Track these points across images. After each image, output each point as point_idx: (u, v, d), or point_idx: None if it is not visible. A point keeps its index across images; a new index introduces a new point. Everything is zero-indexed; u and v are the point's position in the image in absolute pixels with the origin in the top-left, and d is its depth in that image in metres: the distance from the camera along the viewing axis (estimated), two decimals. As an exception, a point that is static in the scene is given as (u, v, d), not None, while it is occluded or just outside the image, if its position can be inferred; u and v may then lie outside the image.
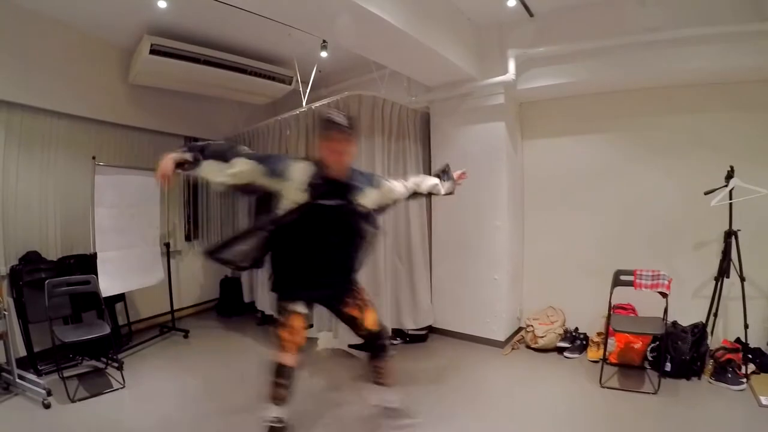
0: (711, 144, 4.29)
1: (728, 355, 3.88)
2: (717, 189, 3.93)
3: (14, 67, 4.42)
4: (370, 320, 3.03)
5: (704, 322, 4.10)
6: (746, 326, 3.81)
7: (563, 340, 4.72)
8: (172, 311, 5.76)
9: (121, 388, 4.07)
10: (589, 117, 4.92)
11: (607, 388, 3.82)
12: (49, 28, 4.68)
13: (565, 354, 4.60)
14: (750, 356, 3.92)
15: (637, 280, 3.93)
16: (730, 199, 3.91)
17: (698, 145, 4.37)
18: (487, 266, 4.95)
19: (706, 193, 3.96)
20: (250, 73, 5.47)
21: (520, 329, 5.20)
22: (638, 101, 4.66)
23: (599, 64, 4.40)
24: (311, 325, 4.79)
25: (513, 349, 4.85)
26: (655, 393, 3.64)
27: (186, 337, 5.52)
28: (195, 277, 6.74)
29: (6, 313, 3.93)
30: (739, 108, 4.22)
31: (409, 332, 5.07)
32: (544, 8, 4.56)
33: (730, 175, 3.89)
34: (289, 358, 2.80)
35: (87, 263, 4.73)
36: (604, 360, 4.07)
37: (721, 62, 3.90)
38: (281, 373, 2.82)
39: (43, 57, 4.65)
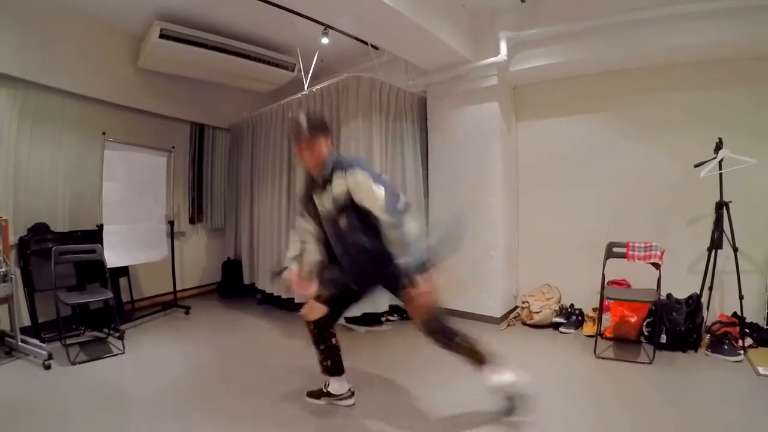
0: (704, 120, 4.33)
1: (724, 329, 3.87)
2: (707, 161, 3.96)
3: (30, 48, 4.63)
4: (417, 316, 2.83)
5: (699, 293, 4.08)
6: (741, 297, 3.81)
7: (559, 315, 4.74)
8: (175, 290, 5.87)
9: (121, 353, 4.15)
10: (582, 97, 5.02)
11: (602, 358, 3.83)
12: (64, 13, 4.91)
13: (561, 329, 4.62)
14: (747, 330, 3.90)
15: (630, 252, 3.94)
16: (720, 169, 3.93)
17: (691, 121, 4.42)
18: (482, 243, 4.99)
19: (696, 166, 4.00)
20: (255, 59, 5.63)
21: (516, 307, 5.23)
22: (630, 80, 4.74)
23: (589, 44, 4.52)
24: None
25: (509, 325, 4.88)
26: (650, 363, 3.64)
27: (187, 313, 5.63)
28: (198, 260, 6.85)
29: (13, 276, 4.03)
30: (731, 84, 4.28)
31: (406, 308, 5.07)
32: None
33: (718, 147, 3.92)
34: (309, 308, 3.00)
35: (93, 237, 4.85)
36: (599, 333, 4.06)
37: (715, 38, 3.96)
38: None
39: (58, 39, 4.87)
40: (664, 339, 3.92)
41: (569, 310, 4.79)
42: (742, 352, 3.69)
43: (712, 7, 3.86)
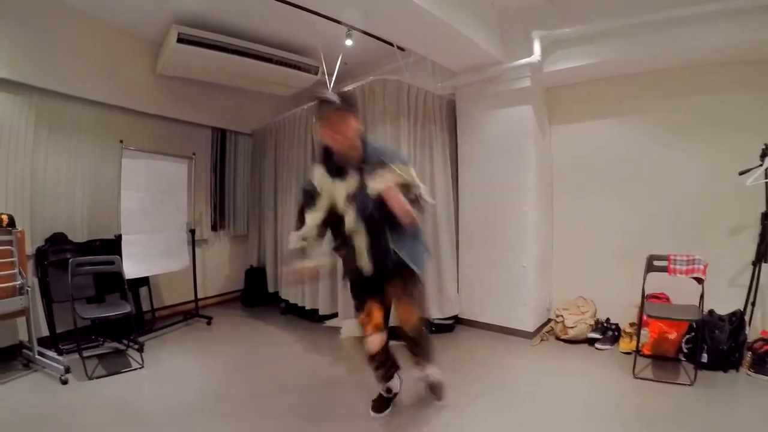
0: (744, 124, 4.10)
1: (767, 347, 3.67)
2: (752, 168, 3.74)
3: (45, 55, 4.55)
4: (412, 318, 2.87)
5: (742, 310, 3.88)
6: (788, 315, 3.62)
7: (594, 330, 4.55)
8: (196, 299, 5.78)
9: (140, 368, 4.09)
10: (617, 100, 4.81)
11: (641, 379, 3.65)
12: (80, 19, 4.83)
13: (597, 345, 4.43)
14: (792, 349, 3.69)
15: (672, 266, 3.75)
16: (766, 178, 3.73)
17: (731, 125, 4.18)
18: (515, 253, 4.83)
19: (741, 173, 3.79)
20: (276, 63, 5.50)
21: (549, 320, 5.05)
22: (666, 82, 4.52)
23: (625, 43, 4.30)
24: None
25: (542, 340, 4.70)
26: (691, 385, 3.46)
27: (209, 323, 5.54)
28: (220, 267, 6.78)
29: (29, 288, 3.95)
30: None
31: (435, 322, 4.94)
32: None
33: (765, 153, 3.70)
34: (370, 341, 2.83)
35: (112, 247, 4.79)
36: (637, 351, 3.88)
37: (756, 36, 3.71)
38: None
39: (74, 46, 4.79)
40: (705, 358, 3.73)
41: (605, 324, 4.59)
42: (786, 372, 3.49)
43: (757, 3, 3.61)
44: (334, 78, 5.50)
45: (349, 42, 5.10)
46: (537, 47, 4.60)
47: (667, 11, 4.00)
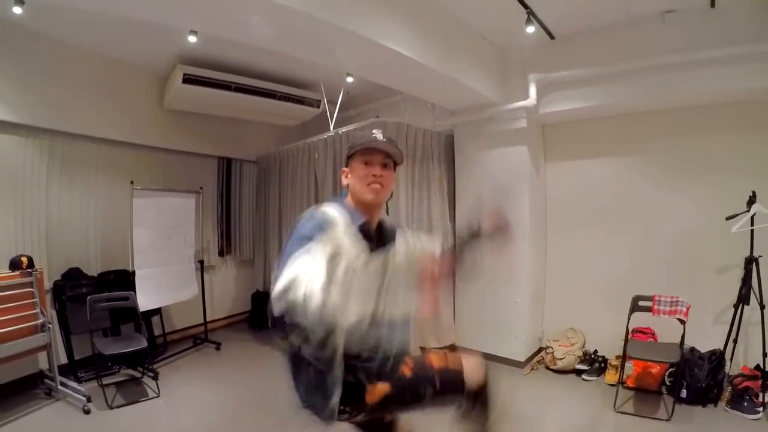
0: (733, 167, 4.23)
1: (746, 383, 3.84)
2: (739, 214, 3.88)
3: (55, 97, 4.66)
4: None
5: (722, 349, 4.06)
6: (765, 354, 3.76)
7: (582, 362, 4.75)
8: (205, 324, 5.98)
9: (156, 397, 4.30)
10: (612, 139, 4.92)
11: (621, 413, 3.84)
12: (89, 60, 4.93)
13: (583, 376, 4.64)
14: (768, 384, 3.88)
15: (656, 306, 3.93)
16: (752, 225, 3.86)
17: (720, 167, 4.31)
18: (508, 288, 4.98)
19: (728, 218, 3.91)
20: (279, 98, 5.63)
21: (540, 350, 5.23)
22: (659, 123, 4.64)
23: (620, 87, 4.41)
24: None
25: (532, 369, 4.92)
26: (668, 420, 3.65)
27: (218, 349, 5.74)
28: (228, 291, 6.97)
29: (50, 326, 4.15)
30: (760, 129, 4.14)
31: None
32: (565, 31, 4.59)
33: (752, 201, 3.84)
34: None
35: (125, 279, 5.02)
36: (621, 384, 4.08)
37: (745, 83, 3.85)
38: None
39: (82, 86, 4.90)
40: (684, 393, 3.92)
41: (593, 356, 4.80)
42: (761, 409, 3.68)
43: (751, 51, 3.73)
44: (335, 115, 5.62)
45: (350, 79, 5.23)
46: (533, 91, 4.72)
47: (662, 57, 4.11)
